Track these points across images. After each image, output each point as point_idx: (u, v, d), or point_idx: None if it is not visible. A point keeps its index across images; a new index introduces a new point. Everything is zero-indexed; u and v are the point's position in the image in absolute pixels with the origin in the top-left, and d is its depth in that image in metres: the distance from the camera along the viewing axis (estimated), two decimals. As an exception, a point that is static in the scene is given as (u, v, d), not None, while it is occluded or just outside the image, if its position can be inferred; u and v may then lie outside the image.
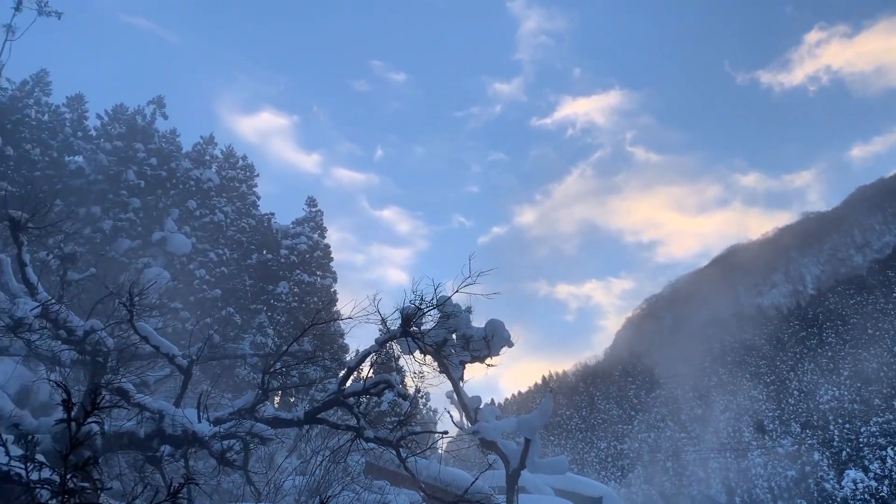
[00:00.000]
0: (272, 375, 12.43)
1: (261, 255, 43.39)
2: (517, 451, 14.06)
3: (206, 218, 41.56)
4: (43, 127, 38.76)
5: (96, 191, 36.63)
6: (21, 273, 13.66)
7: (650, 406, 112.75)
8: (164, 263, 33.29)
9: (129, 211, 36.57)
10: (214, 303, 37.87)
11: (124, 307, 11.42)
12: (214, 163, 45.63)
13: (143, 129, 41.44)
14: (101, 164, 37.92)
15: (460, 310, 14.51)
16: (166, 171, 40.27)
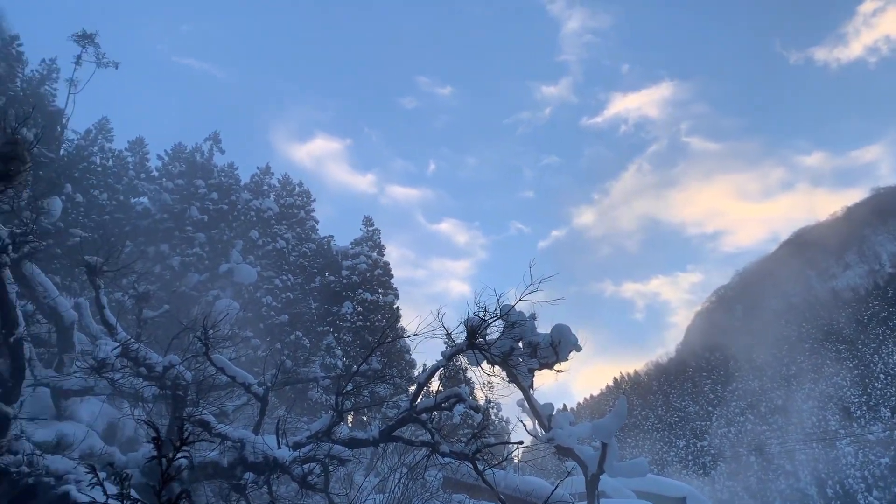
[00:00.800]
0: (345, 396, 12.61)
1: (323, 277, 44.16)
2: (594, 456, 13.87)
3: (269, 246, 42.58)
4: (108, 172, 40.46)
5: (163, 229, 37.96)
6: (100, 315, 14.27)
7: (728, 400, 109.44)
8: (233, 294, 34.24)
9: (196, 246, 37.76)
10: (282, 328, 38.70)
11: (199, 341, 11.80)
12: (272, 192, 46.77)
13: (202, 166, 42.80)
14: (166, 202, 39.31)
15: (524, 317, 14.44)
16: (227, 204, 41.45)
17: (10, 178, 11.08)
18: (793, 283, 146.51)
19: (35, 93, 35.86)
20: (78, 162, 36.95)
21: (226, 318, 14.61)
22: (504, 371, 14.54)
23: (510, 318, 13.78)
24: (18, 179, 11.44)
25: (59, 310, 14.66)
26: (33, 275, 14.31)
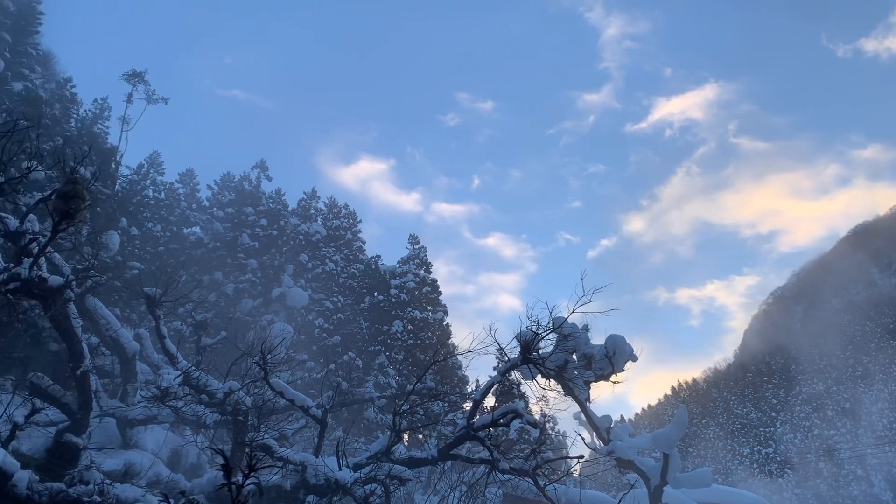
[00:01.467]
0: (402, 415, 12.64)
1: (372, 297, 44.49)
2: (656, 467, 13.59)
3: (318, 269, 43.14)
4: (161, 204, 41.64)
5: (216, 257, 38.82)
6: (161, 344, 14.66)
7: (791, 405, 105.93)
8: (286, 317, 34.74)
9: (248, 272, 38.51)
10: (335, 349, 39.06)
11: (258, 366, 11.99)
12: (319, 215, 47.45)
13: (250, 194, 43.71)
14: (218, 231, 40.22)
15: (577, 329, 14.28)
16: (276, 229, 42.20)
17: (71, 217, 11.47)
18: (854, 280, 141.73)
19: (89, 132, 37.16)
20: (132, 196, 38.11)
21: (281, 342, 14.83)
22: (559, 384, 14.38)
23: (563, 331, 13.65)
24: (79, 217, 11.84)
25: (122, 341, 15.12)
26: (96, 308, 14.79)
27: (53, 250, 13.03)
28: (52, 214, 11.60)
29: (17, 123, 11.10)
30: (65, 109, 35.22)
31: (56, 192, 11.68)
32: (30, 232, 12.66)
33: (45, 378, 12.77)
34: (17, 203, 19.23)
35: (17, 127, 11.22)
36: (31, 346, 23.17)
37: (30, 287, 11.49)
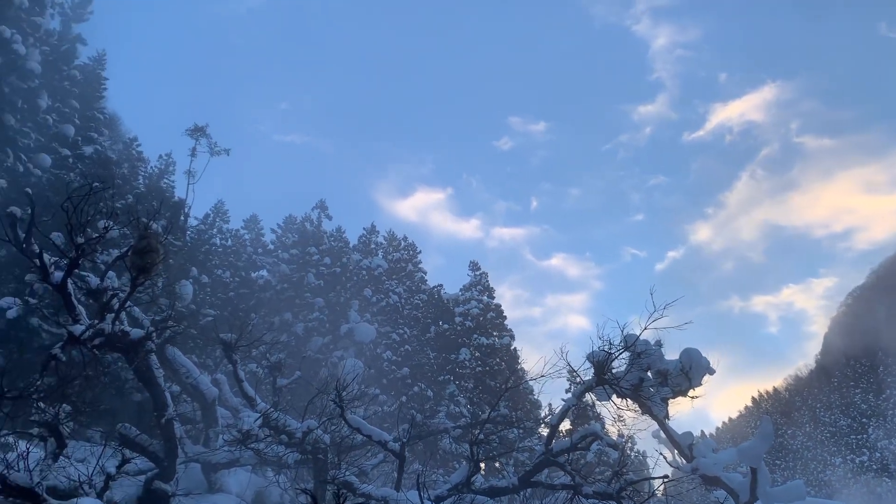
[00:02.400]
0: (478, 445, 12.59)
1: (437, 326, 44.60)
2: (744, 482, 13.14)
3: (383, 302, 43.58)
4: (228, 251, 42.93)
5: (284, 298, 39.69)
6: (239, 388, 15.03)
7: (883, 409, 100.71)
8: (355, 353, 35.16)
9: (315, 310, 39.20)
10: (405, 381, 39.24)
11: (334, 403, 12.16)
12: (380, 249, 48.07)
13: (312, 234, 44.65)
14: (284, 272, 41.17)
15: (650, 346, 14.03)
16: (340, 266, 42.91)
17: (147, 270, 11.97)
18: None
19: (156, 187, 38.73)
20: (200, 245, 39.40)
21: (354, 378, 15.01)
22: (636, 403, 14.12)
23: (636, 349, 13.43)
24: (155, 270, 12.34)
25: (201, 388, 15.55)
26: (175, 357, 15.29)
27: (132, 304, 13.57)
28: (130, 270, 12.12)
29: (92, 186, 11.68)
30: (133, 168, 36.85)
31: (132, 249, 12.21)
32: (110, 288, 13.26)
33: (132, 428, 13.23)
34: (96, 262, 20.15)
35: (94, 189, 11.79)
36: (116, 398, 24.08)
37: (113, 341, 11.99)
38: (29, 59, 31.45)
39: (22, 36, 31.10)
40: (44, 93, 32.55)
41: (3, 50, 30.02)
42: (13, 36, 30.41)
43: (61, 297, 11.79)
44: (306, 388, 23.41)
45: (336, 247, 44.82)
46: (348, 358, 29.84)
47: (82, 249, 11.14)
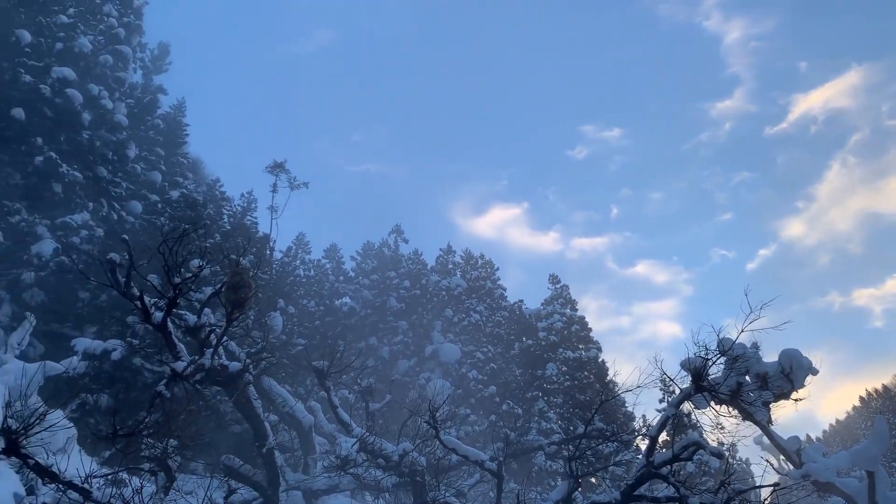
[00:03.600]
0: (576, 460, 12.36)
1: (521, 342, 44.30)
2: (861, 488, 12.43)
3: (464, 321, 43.65)
4: (311, 281, 44.03)
5: (368, 323, 40.34)
6: (333, 414, 15.27)
7: None
8: (441, 373, 35.30)
9: (399, 334, 39.65)
10: (492, 399, 39.07)
11: (428, 424, 12.21)
12: (457, 269, 48.27)
13: (391, 258, 45.33)
14: (366, 298, 41.88)
15: (746, 349, 13.53)
16: (419, 289, 43.31)
17: (241, 305, 12.39)
18: None
19: (240, 224, 40.20)
20: (285, 277, 40.56)
21: (446, 399, 15.05)
22: (735, 409, 13.61)
23: (734, 352, 12.97)
24: (248, 304, 12.76)
25: (298, 416, 15.90)
26: (271, 387, 15.70)
27: (228, 338, 14.04)
28: (225, 305, 12.57)
29: (184, 229, 12.19)
30: (218, 208, 38.36)
31: (225, 285, 12.67)
32: (207, 324, 13.76)
33: (235, 459, 13.64)
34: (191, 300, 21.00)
35: (185, 232, 12.31)
36: (217, 431, 24.91)
37: (213, 375, 12.43)
38: (116, 112, 33.36)
39: (108, 91, 33.04)
40: (132, 143, 34.39)
41: (93, 106, 31.93)
42: (101, 92, 32.34)
43: (162, 336, 12.31)
44: (396, 411, 23.62)
45: (414, 269, 45.31)
46: (435, 379, 29.98)
47: (179, 289, 11.61)
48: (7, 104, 29.18)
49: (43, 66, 30.73)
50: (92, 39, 33.70)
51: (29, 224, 27.81)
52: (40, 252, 26.61)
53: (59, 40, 32.20)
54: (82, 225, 28.94)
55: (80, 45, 32.37)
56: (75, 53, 32.17)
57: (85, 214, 29.67)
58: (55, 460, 8.79)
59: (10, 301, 26.46)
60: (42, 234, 27.56)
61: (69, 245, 27.61)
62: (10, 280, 26.84)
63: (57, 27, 32.60)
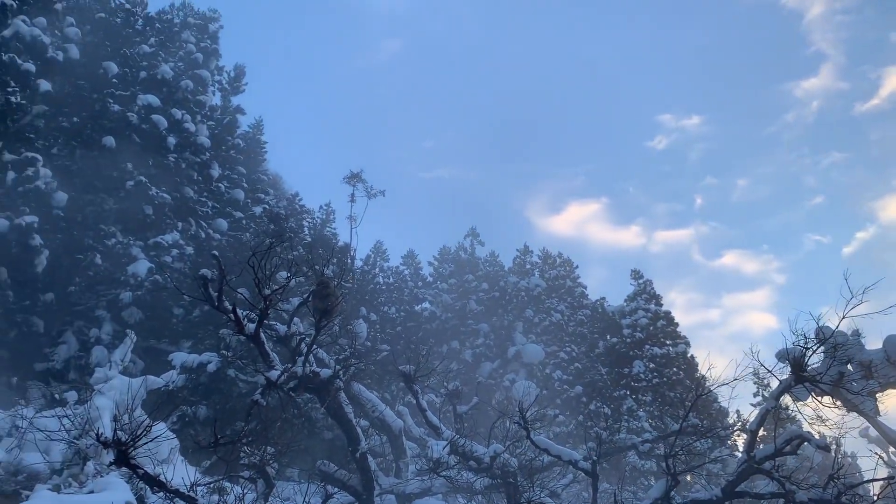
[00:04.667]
0: (673, 457, 12.03)
1: (605, 341, 43.54)
2: None
3: (545, 321, 43.27)
4: (391, 288, 44.61)
5: (449, 327, 40.53)
6: (423, 417, 15.42)
7: None
8: (526, 374, 35.10)
9: (480, 336, 39.66)
10: (579, 399, 38.54)
11: (518, 425, 12.13)
12: (535, 269, 47.92)
13: (468, 262, 45.42)
14: (446, 302, 42.09)
15: (846, 336, 12.87)
16: (498, 290, 43.22)
17: (329, 313, 12.64)
18: None
19: (321, 235, 41.16)
20: (366, 285, 41.25)
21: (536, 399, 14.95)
22: (838, 400, 12.96)
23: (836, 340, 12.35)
24: (335, 312, 13.01)
25: (388, 420, 16.09)
26: (360, 393, 15.95)
27: (317, 346, 14.35)
28: (313, 314, 12.86)
29: (271, 243, 12.53)
30: (298, 221, 39.39)
31: (313, 294, 12.97)
32: (297, 333, 14.12)
33: (330, 465, 13.92)
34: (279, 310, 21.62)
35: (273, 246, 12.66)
36: (309, 438, 25.52)
37: (306, 383, 12.72)
38: (199, 134, 34.70)
39: (190, 115, 34.41)
40: (214, 163, 35.71)
41: (177, 130, 33.33)
42: (183, 116, 33.72)
43: (255, 347, 12.68)
44: (484, 413, 23.61)
45: (492, 271, 45.26)
46: (520, 380, 29.81)
47: (269, 300, 11.94)
48: (99, 133, 30.80)
49: (129, 94, 32.30)
50: (173, 66, 35.22)
51: (124, 246, 29.24)
52: (136, 272, 27.93)
53: (142, 69, 33.78)
54: (173, 244, 30.21)
55: (163, 73, 33.87)
56: (158, 80, 33.67)
57: (175, 234, 30.97)
58: (161, 470, 9.16)
59: (111, 320, 27.86)
60: (137, 255, 28.92)
61: (162, 264, 28.87)
62: (109, 300, 28.26)
63: (140, 57, 34.21)
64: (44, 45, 28.87)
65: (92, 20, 34.90)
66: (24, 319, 26.53)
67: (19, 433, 14.59)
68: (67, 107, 31.05)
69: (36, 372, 26.52)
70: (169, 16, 38.79)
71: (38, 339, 27.05)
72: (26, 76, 27.67)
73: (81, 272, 28.32)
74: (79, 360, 26.81)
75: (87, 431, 13.50)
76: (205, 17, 38.56)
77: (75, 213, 28.82)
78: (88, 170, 30.30)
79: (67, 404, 15.76)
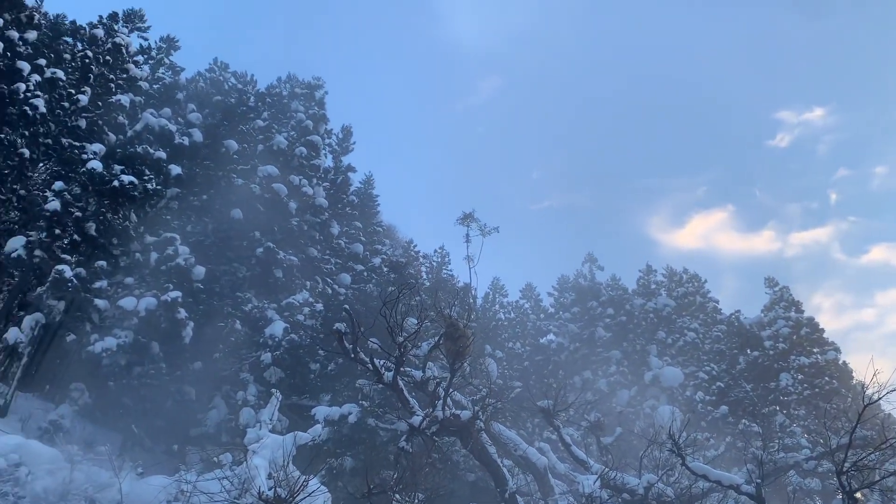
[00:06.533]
0: (846, 474, 11.13)
1: (746, 355, 41.27)
2: None
3: (679, 342, 41.61)
4: (513, 323, 44.45)
5: (579, 357, 39.74)
6: (567, 452, 15.10)
7: None
8: (667, 399, 33.74)
9: (613, 363, 38.60)
10: (725, 420, 36.50)
11: (671, 452, 11.63)
12: (661, 289, 46.34)
13: (589, 288, 44.61)
14: (572, 332, 41.42)
15: None
16: (624, 314, 42.08)
17: (462, 355, 12.75)
18: None
19: (440, 279, 41.72)
20: (488, 322, 41.27)
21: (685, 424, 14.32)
22: None
23: None
24: (468, 353, 13.11)
25: (531, 458, 15.85)
26: (500, 432, 15.85)
27: (453, 388, 14.45)
28: (446, 357, 13.01)
29: (399, 293, 12.85)
30: (416, 267, 40.19)
31: (443, 337, 13.14)
32: (432, 378, 14.30)
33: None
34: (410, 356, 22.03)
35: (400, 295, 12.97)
36: (452, 480, 25.51)
37: (447, 426, 12.82)
38: (316, 196, 36.39)
39: (307, 179, 36.16)
40: (333, 221, 37.23)
41: (296, 195, 35.07)
42: (301, 181, 35.48)
43: (395, 394, 12.96)
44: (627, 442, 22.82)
45: (616, 296, 44.17)
46: (661, 405, 28.67)
47: (403, 347, 12.20)
48: (227, 207, 32.89)
49: (250, 167, 34.38)
50: (286, 135, 37.28)
51: (260, 310, 30.80)
52: (273, 333, 29.30)
53: (259, 142, 35.96)
54: (304, 303, 31.53)
55: (278, 143, 35.90)
56: (274, 151, 35.70)
57: (304, 293, 32.34)
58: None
59: (254, 382, 29.27)
60: (272, 317, 30.36)
61: (295, 323, 30.15)
62: (251, 363, 29.75)
63: (256, 131, 36.46)
64: (171, 133, 31.37)
65: (210, 104, 37.64)
66: (178, 389, 28.33)
67: (185, 497, 15.47)
68: (196, 186, 33.41)
69: (192, 437, 28.14)
70: (277, 89, 41.22)
71: (191, 405, 28.76)
72: (158, 163, 30.11)
73: (224, 338, 30.01)
74: (229, 422, 28.23)
75: (247, 490, 14.12)
76: (310, 85, 40.66)
77: (213, 283, 30.71)
78: (221, 242, 32.34)
79: (224, 466, 16.58)
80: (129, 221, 28.51)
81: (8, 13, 29.28)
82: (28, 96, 28.58)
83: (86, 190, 27.70)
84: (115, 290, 27.15)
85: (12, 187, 29.15)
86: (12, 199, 29.10)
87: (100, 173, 27.76)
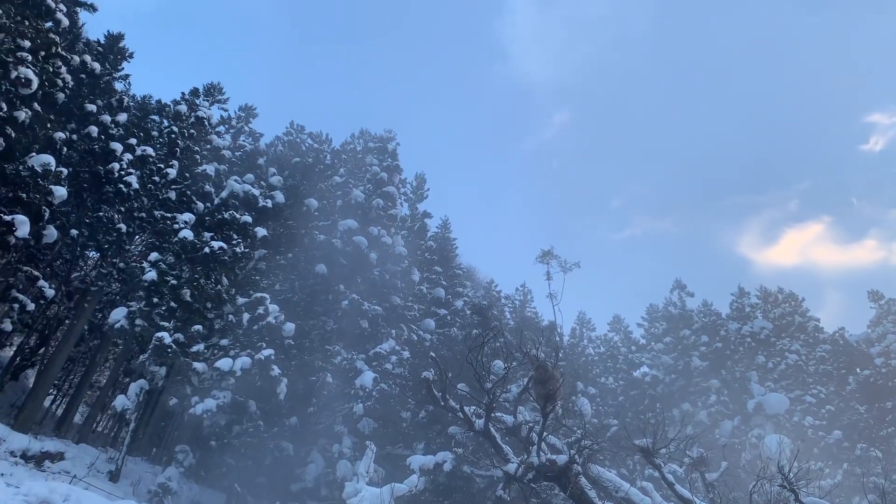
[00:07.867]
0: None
1: (855, 375, 38.88)
2: None
3: (781, 365, 39.64)
4: (603, 357, 43.42)
5: (676, 389, 38.41)
6: (671, 491, 14.47)
7: None
8: (773, 427, 32.08)
9: (712, 393, 37.10)
10: (839, 445, 34.35)
11: (782, 488, 11.03)
12: (757, 311, 44.48)
13: (680, 316, 43.21)
14: (666, 363, 40.07)
15: None
16: (720, 341, 40.50)
17: (553, 397, 12.54)
18: None
19: (522, 317, 41.43)
20: (577, 359, 40.56)
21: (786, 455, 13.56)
22: None
23: None
24: (559, 396, 12.89)
25: (634, 500, 15.29)
26: (600, 474, 15.39)
27: (546, 432, 14.18)
28: (537, 400, 12.82)
29: (485, 338, 12.82)
30: (499, 308, 40.05)
31: (533, 380, 12.97)
32: (524, 422, 14.10)
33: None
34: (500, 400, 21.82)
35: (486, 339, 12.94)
36: (554, 525, 24.88)
37: (543, 471, 12.56)
38: (395, 245, 36.99)
39: (385, 230, 36.88)
40: (414, 269, 37.68)
41: (376, 245, 35.78)
42: (379, 232, 36.21)
43: (487, 441, 12.82)
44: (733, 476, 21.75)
45: (709, 322, 42.67)
46: (767, 435, 27.24)
47: (493, 393, 12.11)
48: (311, 263, 33.85)
49: (330, 223, 35.40)
50: (363, 189, 38.24)
51: (349, 361, 31.32)
52: (363, 384, 29.69)
53: (337, 198, 37.03)
54: (391, 351, 31.88)
55: (355, 197, 36.87)
56: (352, 205, 36.66)
57: (390, 342, 32.71)
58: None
59: (349, 433, 29.63)
60: (361, 368, 30.81)
61: (384, 372, 30.48)
62: (344, 415, 30.17)
63: (334, 187, 37.60)
64: (255, 197, 32.70)
65: (289, 165, 39.12)
66: (276, 445, 28.97)
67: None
68: (282, 245, 34.61)
69: (292, 492, 28.61)
70: (352, 145, 42.51)
71: (289, 461, 29.32)
72: (245, 227, 31.37)
73: (317, 392, 30.60)
74: (327, 476, 28.59)
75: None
76: (382, 139, 41.73)
77: (302, 338, 31.49)
78: (308, 297, 33.23)
79: (326, 520, 16.74)
80: (221, 285, 29.65)
81: (100, 99, 31.47)
82: (122, 174, 30.48)
83: (179, 258, 29.08)
84: (211, 353, 28.21)
85: (112, 261, 30.95)
86: (113, 272, 30.86)
87: (191, 241, 29.13)
